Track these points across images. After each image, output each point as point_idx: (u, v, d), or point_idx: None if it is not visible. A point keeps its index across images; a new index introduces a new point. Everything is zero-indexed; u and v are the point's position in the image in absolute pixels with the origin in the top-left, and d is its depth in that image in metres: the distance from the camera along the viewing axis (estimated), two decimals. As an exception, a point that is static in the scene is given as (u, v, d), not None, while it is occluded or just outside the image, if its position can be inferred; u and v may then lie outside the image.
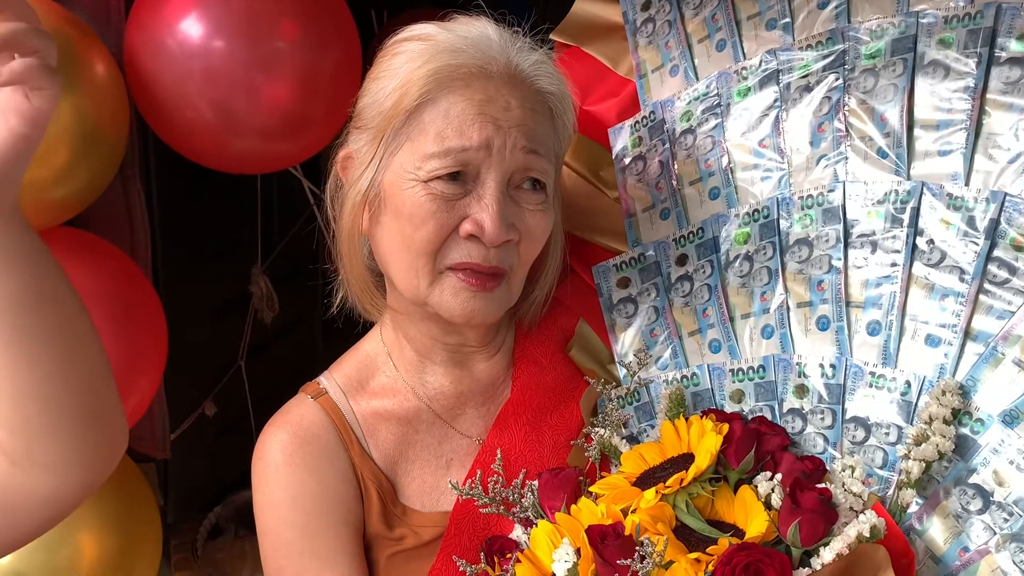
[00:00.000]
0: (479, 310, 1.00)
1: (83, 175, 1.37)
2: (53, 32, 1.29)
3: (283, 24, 1.45)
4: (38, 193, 1.32)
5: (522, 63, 1.01)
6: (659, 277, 1.12)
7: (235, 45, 1.42)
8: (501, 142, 0.96)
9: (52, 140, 1.29)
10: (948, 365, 0.91)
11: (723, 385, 1.04)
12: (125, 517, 1.57)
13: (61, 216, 1.41)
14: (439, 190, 0.96)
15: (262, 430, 1.08)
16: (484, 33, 1.01)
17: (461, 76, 0.97)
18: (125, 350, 1.44)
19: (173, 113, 1.46)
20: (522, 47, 1.02)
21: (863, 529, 0.83)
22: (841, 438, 0.96)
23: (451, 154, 0.95)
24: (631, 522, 0.87)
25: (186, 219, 1.91)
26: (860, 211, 0.99)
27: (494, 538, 1.01)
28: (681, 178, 1.14)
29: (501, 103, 0.97)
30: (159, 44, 1.43)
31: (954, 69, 0.96)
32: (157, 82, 1.44)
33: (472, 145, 0.95)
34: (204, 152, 1.54)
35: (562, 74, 1.06)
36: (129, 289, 1.49)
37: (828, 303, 0.99)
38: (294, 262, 2.26)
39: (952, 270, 0.93)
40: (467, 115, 0.96)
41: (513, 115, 0.97)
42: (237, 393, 2.15)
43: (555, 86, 1.03)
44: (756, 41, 1.11)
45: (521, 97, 0.99)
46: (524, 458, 1.06)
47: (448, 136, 0.96)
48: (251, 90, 1.43)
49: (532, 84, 1.01)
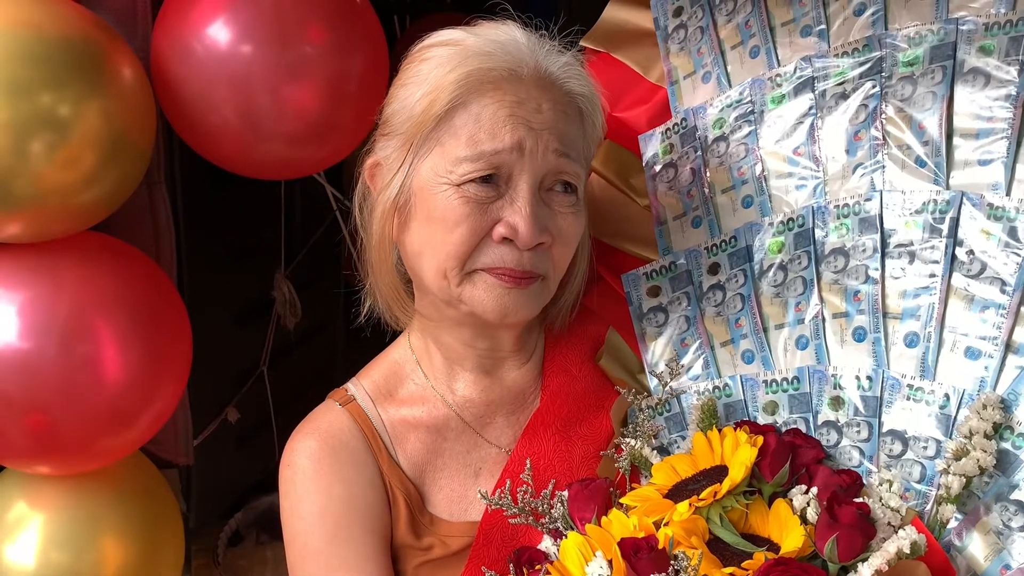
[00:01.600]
0: (513, 306, 1.00)
1: (110, 180, 1.38)
2: (79, 36, 1.32)
3: (310, 29, 1.45)
4: (65, 198, 1.33)
5: (551, 65, 1.01)
6: (690, 286, 1.12)
7: (262, 50, 1.43)
8: (533, 144, 0.97)
9: (80, 145, 1.30)
10: (988, 378, 0.91)
11: (756, 396, 1.04)
12: (148, 523, 1.58)
13: (88, 221, 1.42)
14: (472, 193, 0.97)
15: (290, 437, 1.09)
16: (512, 37, 1.01)
17: (492, 79, 0.97)
18: (150, 355, 1.45)
19: (199, 118, 1.47)
20: (551, 50, 1.03)
21: (903, 545, 0.83)
22: (878, 451, 0.96)
23: (483, 157, 0.96)
24: (664, 535, 0.87)
25: (210, 224, 1.93)
26: (898, 221, 0.99)
27: (522, 549, 1.01)
28: (713, 186, 1.14)
29: (532, 105, 0.98)
30: (186, 48, 1.44)
31: (995, 77, 0.96)
32: (183, 87, 1.45)
33: (504, 147, 0.96)
34: (229, 157, 1.55)
35: (591, 76, 1.07)
36: (154, 294, 1.50)
37: (865, 314, 0.99)
38: (317, 268, 2.28)
39: (993, 281, 0.92)
40: (499, 117, 0.97)
41: (545, 117, 0.98)
42: (260, 399, 2.16)
43: (585, 88, 1.04)
44: (791, 48, 1.11)
45: (552, 99, 1.00)
46: (553, 468, 1.06)
47: (480, 139, 0.96)
48: (277, 95, 1.44)
49: (562, 86, 1.02)
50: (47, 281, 1.40)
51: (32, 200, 1.30)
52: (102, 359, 1.40)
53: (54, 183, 1.31)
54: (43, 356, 1.37)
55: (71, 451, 1.44)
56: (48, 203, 1.32)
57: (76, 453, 1.45)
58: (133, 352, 1.42)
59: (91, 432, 1.42)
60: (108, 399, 1.41)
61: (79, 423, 1.40)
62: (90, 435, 1.42)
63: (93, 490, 1.53)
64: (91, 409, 1.40)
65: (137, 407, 1.45)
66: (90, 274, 1.41)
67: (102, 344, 1.40)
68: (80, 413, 1.39)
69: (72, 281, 1.40)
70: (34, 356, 1.37)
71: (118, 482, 1.57)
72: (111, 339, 1.40)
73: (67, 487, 1.53)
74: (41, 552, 1.49)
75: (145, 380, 1.45)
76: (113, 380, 1.41)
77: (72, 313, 1.38)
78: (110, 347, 1.40)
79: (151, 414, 1.47)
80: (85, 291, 1.40)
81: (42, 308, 1.38)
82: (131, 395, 1.43)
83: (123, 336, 1.41)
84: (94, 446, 1.44)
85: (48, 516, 1.51)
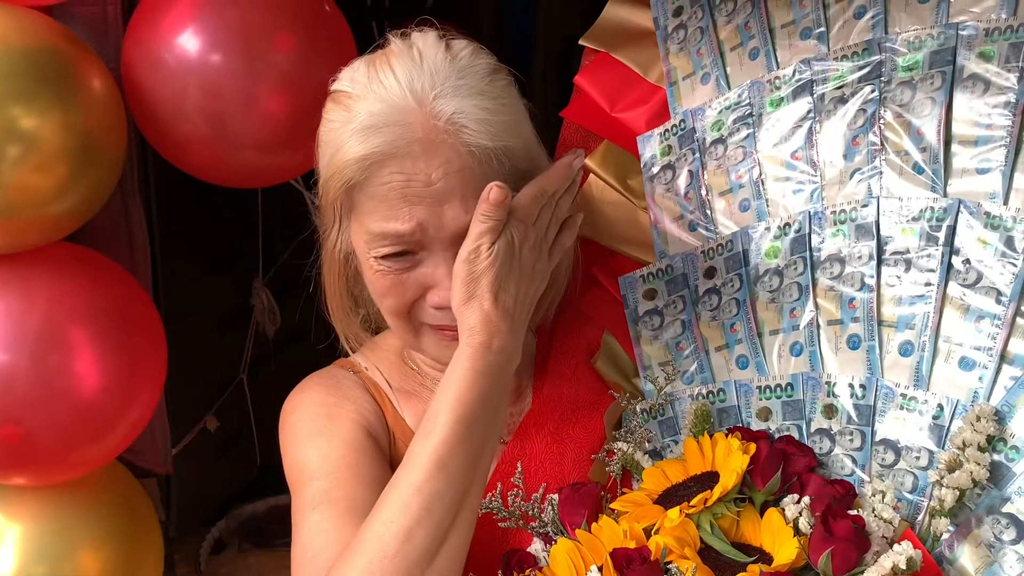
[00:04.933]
0: None
1: (81, 190, 1.41)
2: (47, 47, 1.34)
3: (279, 37, 1.49)
4: (36, 209, 1.37)
5: (440, 119, 0.95)
6: (686, 289, 1.14)
7: (232, 59, 1.46)
8: (435, 221, 0.96)
9: (50, 155, 1.34)
10: (982, 390, 0.93)
11: (750, 402, 1.06)
12: (126, 533, 1.60)
13: (60, 232, 1.45)
14: (389, 266, 1.00)
15: (292, 392, 1.12)
16: (403, 91, 0.96)
17: (377, 159, 0.96)
18: (124, 365, 1.48)
19: (170, 128, 1.50)
20: (446, 91, 0.95)
21: (899, 561, 0.84)
22: (870, 461, 0.98)
23: (388, 238, 0.98)
24: (655, 544, 0.89)
25: (187, 232, 1.95)
26: (894, 228, 1.00)
27: (512, 551, 1.02)
28: (711, 189, 1.15)
29: (421, 179, 0.95)
30: (156, 59, 1.47)
31: (994, 83, 0.97)
32: (154, 97, 1.48)
33: (406, 231, 0.97)
34: (202, 166, 1.58)
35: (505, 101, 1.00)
36: (128, 304, 1.53)
37: (860, 322, 1.01)
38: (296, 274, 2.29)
39: (989, 291, 0.94)
40: (391, 199, 0.96)
41: (438, 188, 0.95)
42: (239, 407, 2.18)
43: (480, 134, 0.95)
44: (790, 50, 1.13)
45: (445, 163, 0.95)
46: (544, 471, 1.08)
47: (384, 217, 0.97)
48: (248, 103, 1.47)
49: (457, 139, 0.95)
50: (19, 292, 1.43)
51: (2, 212, 1.33)
52: (75, 370, 1.43)
53: (24, 195, 1.34)
54: (16, 367, 1.40)
55: (46, 462, 1.46)
56: (19, 215, 1.35)
57: (51, 464, 1.47)
58: (107, 362, 1.45)
59: (66, 443, 1.44)
60: (82, 410, 1.43)
61: (53, 434, 1.42)
62: (65, 446, 1.45)
63: (70, 501, 1.55)
64: (65, 420, 1.42)
65: (112, 417, 1.47)
66: (62, 285, 1.45)
67: (75, 354, 1.43)
68: (54, 424, 1.41)
69: (44, 292, 1.43)
70: (6, 368, 1.39)
71: (95, 492, 1.59)
72: (84, 349, 1.43)
73: (44, 498, 1.55)
74: (18, 564, 1.52)
75: (120, 390, 1.48)
76: (87, 390, 1.44)
77: (44, 324, 1.41)
78: (83, 357, 1.43)
79: (126, 424, 1.50)
80: (58, 302, 1.43)
81: (14, 319, 1.41)
82: (106, 405, 1.45)
83: (96, 346, 1.44)
84: (69, 457, 1.47)
85: (25, 528, 1.53)
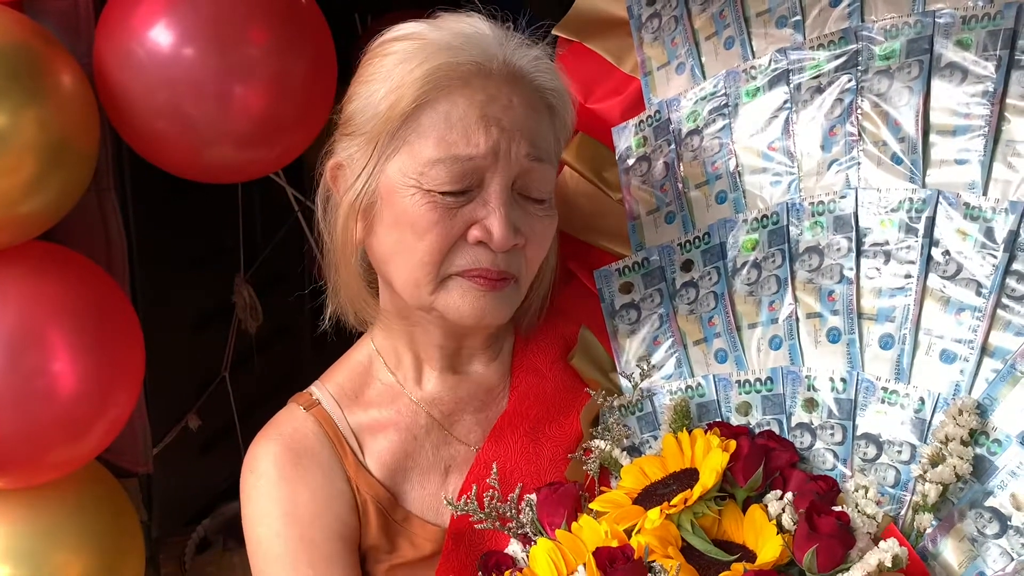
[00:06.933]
0: (489, 309, 1.02)
1: (53, 188, 1.40)
2: (16, 44, 1.32)
3: (252, 30, 1.47)
4: (6, 208, 1.35)
5: (520, 59, 1.02)
6: (663, 283, 1.13)
7: (204, 53, 1.44)
8: (507, 146, 0.98)
9: (17, 153, 1.32)
10: (964, 382, 0.93)
11: (729, 397, 1.06)
12: (106, 534, 1.60)
13: (32, 231, 1.43)
14: (442, 199, 0.98)
15: (252, 442, 1.10)
16: (478, 29, 1.02)
17: (460, 75, 0.98)
18: (101, 364, 1.46)
19: (144, 123, 1.48)
20: (519, 43, 1.03)
21: (884, 558, 0.84)
22: (852, 455, 0.98)
23: (458, 161, 0.97)
24: (638, 543, 0.89)
25: (165, 229, 1.93)
26: (873, 219, 1.00)
27: (489, 553, 1.02)
28: (687, 180, 1.15)
29: (503, 102, 0.98)
30: (127, 54, 1.45)
31: (972, 72, 0.97)
32: (127, 92, 1.46)
33: (479, 153, 0.97)
34: (177, 162, 1.57)
35: (560, 71, 1.07)
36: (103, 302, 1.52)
37: (839, 315, 1.01)
38: (278, 270, 2.28)
39: (969, 283, 0.94)
40: (470, 118, 0.97)
41: (516, 115, 0.99)
42: (222, 405, 2.16)
43: (554, 83, 1.05)
44: (766, 39, 1.12)
45: (522, 95, 1.00)
46: (521, 471, 1.07)
47: (452, 141, 0.97)
48: (222, 98, 1.46)
49: (532, 81, 1.02)
50: (-8, 292, 1.40)
51: (-28, 211, 1.31)
52: (51, 369, 1.41)
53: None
54: (-11, 369, 1.37)
55: (23, 464, 1.45)
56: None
57: (29, 466, 1.46)
58: (83, 362, 1.44)
59: (43, 444, 1.43)
60: (59, 410, 1.42)
61: (30, 435, 1.41)
62: (42, 447, 1.44)
63: (49, 502, 1.55)
64: (42, 421, 1.41)
65: (89, 417, 1.46)
66: (36, 284, 1.43)
67: (50, 354, 1.41)
68: (30, 425, 1.40)
69: (18, 291, 1.41)
70: (-21, 369, 1.37)
71: (74, 493, 1.58)
72: (59, 349, 1.42)
73: (22, 500, 1.54)
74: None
75: (96, 390, 1.46)
76: (63, 391, 1.42)
77: (19, 324, 1.39)
78: (59, 357, 1.42)
79: (104, 424, 1.49)
80: (32, 301, 1.41)
81: (-13, 320, 1.38)
82: (82, 405, 1.44)
83: (72, 346, 1.43)
84: (47, 458, 1.46)
85: (3, 530, 1.52)
